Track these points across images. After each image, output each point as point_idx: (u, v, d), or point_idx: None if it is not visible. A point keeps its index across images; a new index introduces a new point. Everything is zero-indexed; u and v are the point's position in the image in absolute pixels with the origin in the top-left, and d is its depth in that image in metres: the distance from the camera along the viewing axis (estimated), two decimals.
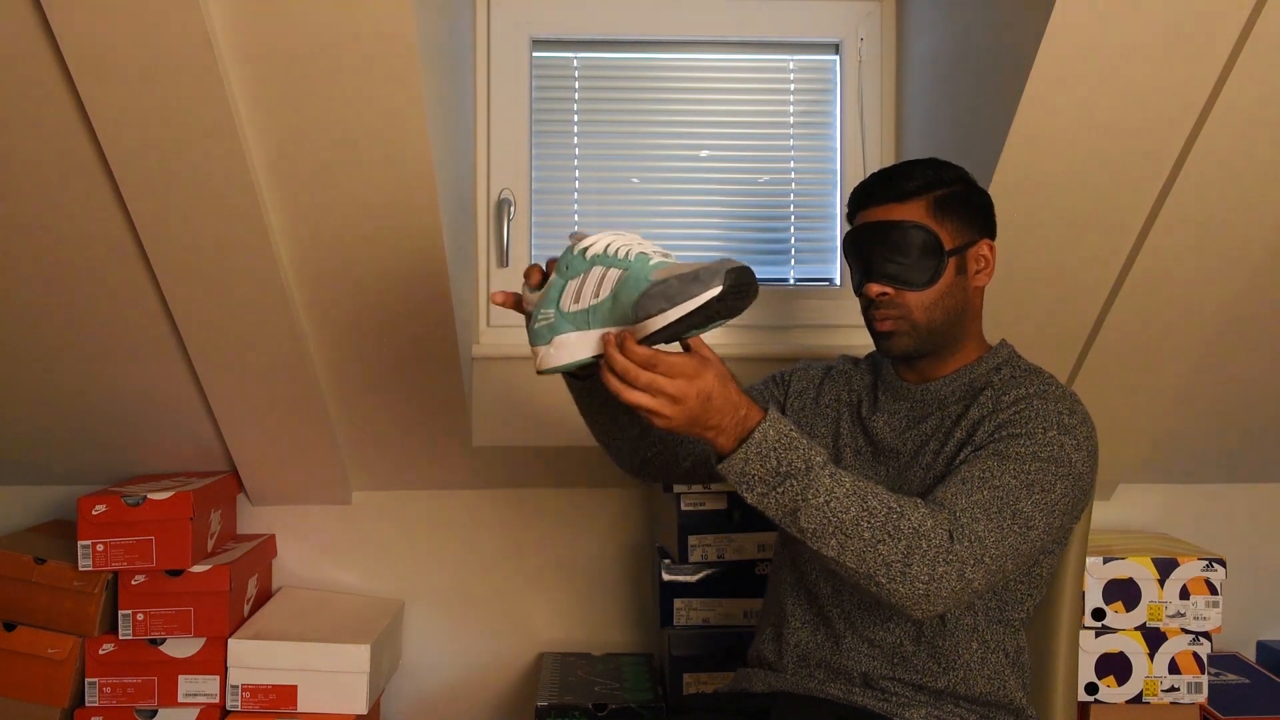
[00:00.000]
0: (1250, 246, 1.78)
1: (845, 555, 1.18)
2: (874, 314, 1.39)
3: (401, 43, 1.45)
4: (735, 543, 1.96)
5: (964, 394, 1.39)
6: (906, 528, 1.17)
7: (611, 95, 2.12)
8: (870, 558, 1.17)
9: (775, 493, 1.18)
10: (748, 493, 1.19)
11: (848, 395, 1.50)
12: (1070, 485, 1.28)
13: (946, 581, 1.17)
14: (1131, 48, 1.54)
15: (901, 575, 1.17)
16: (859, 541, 1.17)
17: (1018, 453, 1.27)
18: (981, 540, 1.20)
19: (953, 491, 1.24)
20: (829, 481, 1.17)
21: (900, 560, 1.17)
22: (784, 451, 1.17)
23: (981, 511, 1.22)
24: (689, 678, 1.94)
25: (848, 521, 1.17)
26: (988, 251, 1.40)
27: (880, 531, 1.17)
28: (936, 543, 1.18)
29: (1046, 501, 1.26)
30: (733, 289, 1.09)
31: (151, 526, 1.86)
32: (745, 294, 1.11)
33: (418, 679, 2.21)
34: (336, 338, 1.84)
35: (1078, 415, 1.32)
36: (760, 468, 1.17)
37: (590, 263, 1.19)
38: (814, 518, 1.17)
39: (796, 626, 1.43)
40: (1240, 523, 2.30)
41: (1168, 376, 1.97)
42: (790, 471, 1.17)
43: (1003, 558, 1.22)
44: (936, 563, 1.17)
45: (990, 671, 1.35)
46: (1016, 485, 1.24)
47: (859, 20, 2.08)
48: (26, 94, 1.48)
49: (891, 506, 1.18)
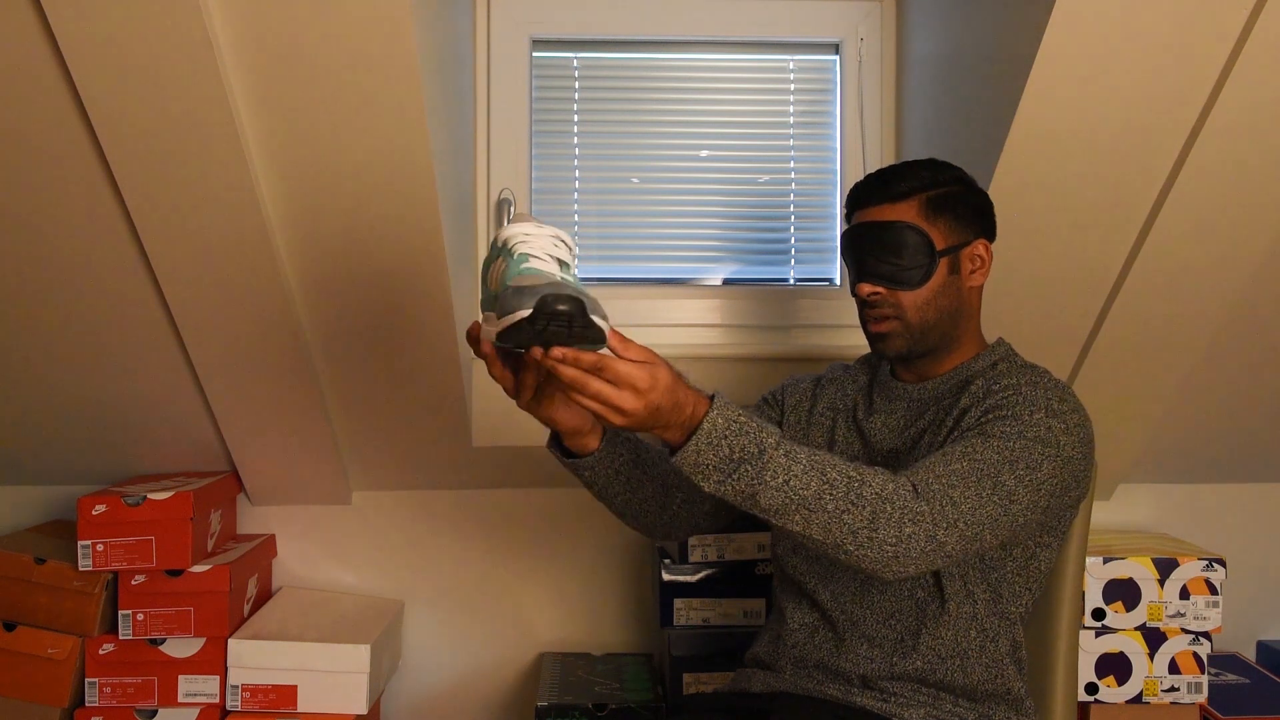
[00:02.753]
0: (1250, 246, 1.78)
1: (811, 529, 1.18)
2: (868, 314, 1.40)
3: (401, 43, 1.45)
4: (735, 543, 1.96)
5: (958, 389, 1.40)
6: (869, 494, 1.17)
7: (611, 95, 2.12)
8: (836, 528, 1.17)
9: (731, 480, 1.17)
10: (704, 482, 1.18)
11: (842, 401, 1.50)
12: (1058, 467, 1.28)
13: (915, 541, 1.18)
14: (1131, 48, 1.54)
15: (869, 540, 1.17)
16: (823, 515, 1.17)
17: (1002, 431, 1.27)
18: (956, 504, 1.20)
19: (929, 462, 1.24)
20: (785, 460, 1.16)
21: (866, 526, 1.17)
22: (734, 437, 1.16)
23: (958, 479, 1.22)
24: (689, 678, 1.94)
25: (809, 497, 1.16)
26: (983, 251, 1.40)
27: (844, 501, 1.16)
28: (900, 504, 1.18)
29: (1032, 479, 1.25)
30: (540, 313, 1.06)
31: (151, 526, 1.86)
32: (557, 320, 1.07)
33: (418, 679, 2.21)
34: (336, 337, 1.84)
35: (1069, 403, 1.33)
36: (713, 456, 1.16)
37: (499, 250, 1.19)
38: (774, 498, 1.16)
39: (795, 628, 1.43)
40: (1240, 523, 2.30)
41: (1168, 376, 1.97)
42: (744, 457, 1.16)
43: (979, 525, 1.22)
44: (903, 523, 1.17)
45: (989, 660, 1.35)
46: (998, 460, 1.24)
47: (859, 20, 2.08)
48: (26, 94, 1.48)
49: (851, 476, 1.18)
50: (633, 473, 1.39)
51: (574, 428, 1.30)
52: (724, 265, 2.14)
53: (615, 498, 1.41)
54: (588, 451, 1.34)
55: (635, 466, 1.39)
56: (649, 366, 1.13)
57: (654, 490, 1.42)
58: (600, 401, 1.13)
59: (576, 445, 1.34)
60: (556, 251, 1.16)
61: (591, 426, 1.31)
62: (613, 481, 1.39)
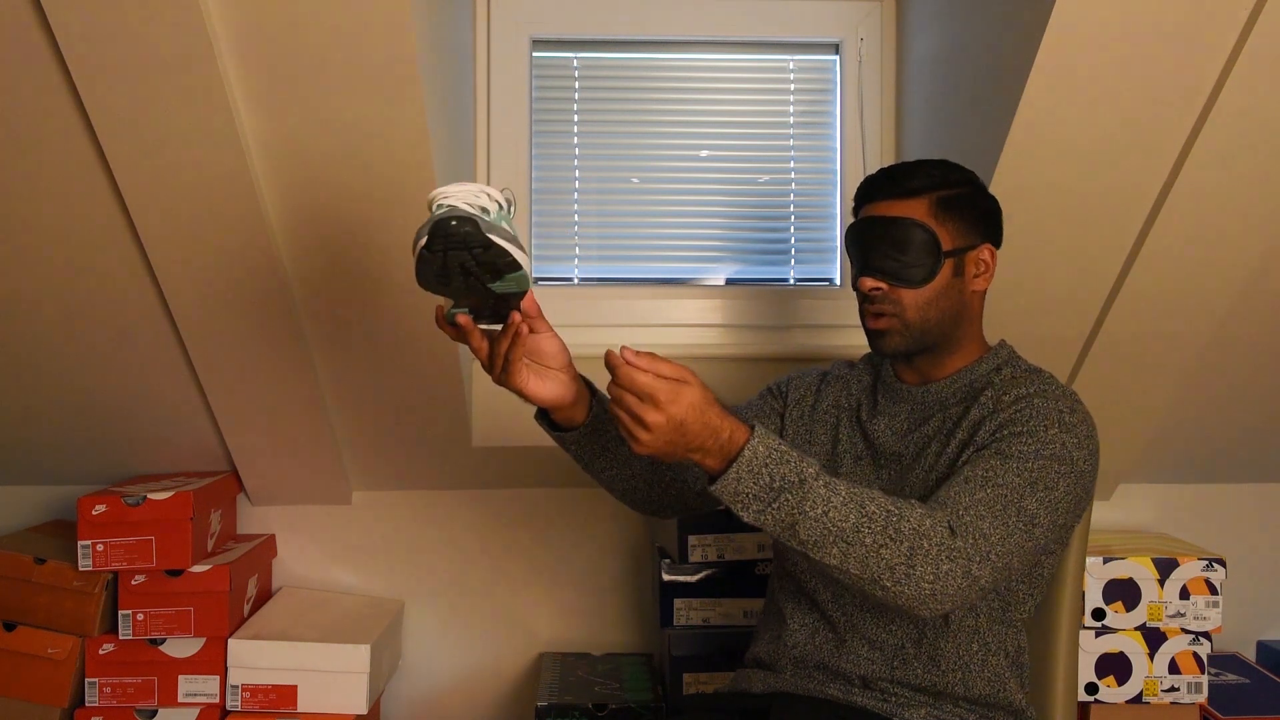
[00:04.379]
0: (1250, 246, 1.78)
1: (848, 562, 1.17)
2: (867, 309, 1.39)
3: (402, 43, 1.44)
4: (735, 543, 1.96)
5: (965, 395, 1.39)
6: (907, 529, 1.17)
7: (611, 95, 2.12)
8: (873, 563, 1.17)
9: (771, 508, 1.17)
10: (743, 511, 1.18)
11: (846, 400, 1.50)
12: (1073, 483, 1.28)
13: (952, 579, 1.17)
14: (1131, 48, 1.54)
15: (906, 577, 1.17)
16: (861, 548, 1.16)
17: (1020, 451, 1.27)
18: (986, 537, 1.20)
19: (955, 491, 1.24)
20: (825, 491, 1.17)
21: (904, 562, 1.16)
22: (775, 466, 1.16)
23: (985, 509, 1.21)
24: (689, 678, 1.94)
25: (848, 529, 1.16)
26: (988, 256, 1.40)
27: (882, 535, 1.16)
28: (938, 540, 1.17)
29: (1050, 499, 1.25)
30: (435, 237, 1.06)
31: (151, 526, 1.86)
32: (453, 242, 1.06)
33: (418, 679, 2.21)
34: (336, 338, 1.84)
35: (1078, 413, 1.32)
36: (753, 485, 1.17)
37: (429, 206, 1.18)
38: (813, 529, 1.17)
39: (795, 629, 1.43)
40: (1240, 523, 2.30)
41: (1167, 376, 1.97)
42: (784, 485, 1.16)
43: (1008, 555, 1.22)
44: (940, 560, 1.17)
45: (990, 674, 1.35)
46: (1020, 483, 1.24)
47: (859, 20, 2.08)
48: (27, 94, 1.48)
49: (890, 510, 1.18)
50: (620, 449, 1.39)
51: (551, 400, 1.30)
52: (723, 265, 2.14)
53: (603, 472, 1.42)
54: (574, 425, 1.34)
55: (624, 443, 1.38)
56: (675, 382, 1.15)
57: (642, 467, 1.43)
58: (625, 411, 1.15)
59: (563, 418, 1.34)
60: (480, 200, 1.14)
61: (574, 399, 1.31)
62: (599, 456, 1.39)
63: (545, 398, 1.29)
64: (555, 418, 1.35)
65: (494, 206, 1.15)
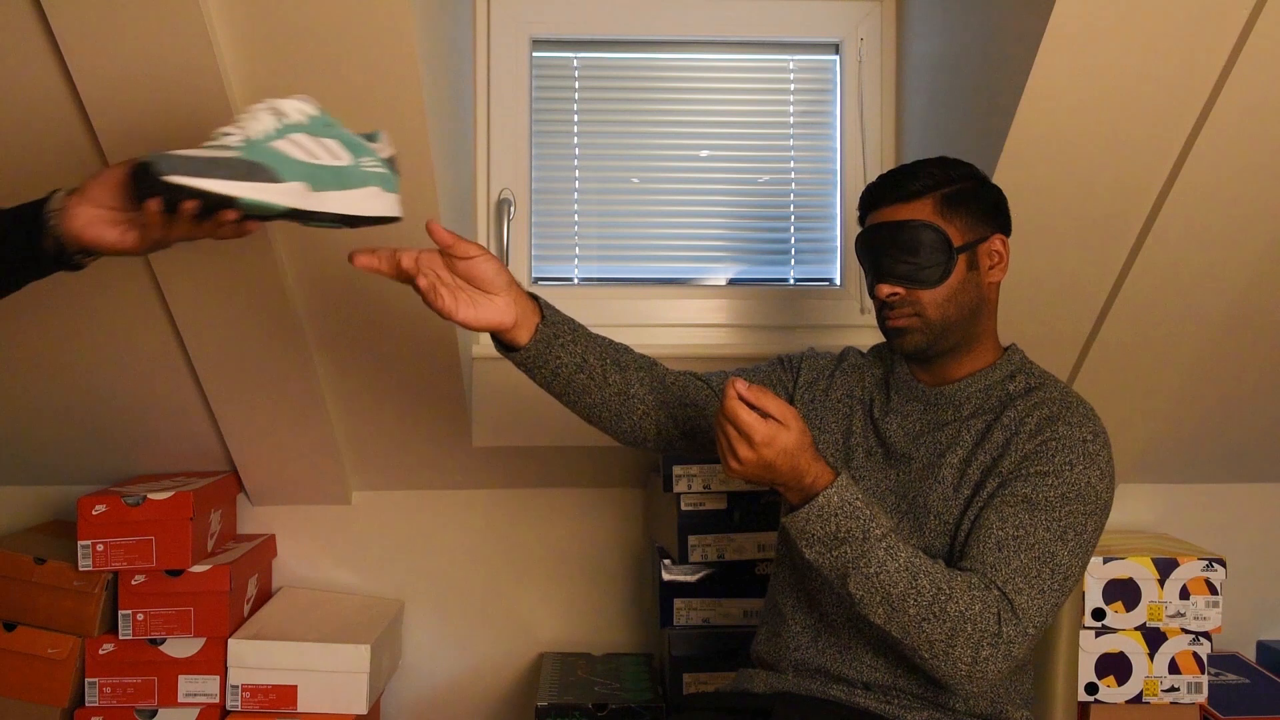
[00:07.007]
0: (1250, 246, 1.78)
1: (891, 625, 1.22)
2: (887, 314, 1.38)
3: (401, 43, 1.45)
4: (735, 543, 1.96)
5: (980, 403, 1.38)
6: (954, 610, 1.19)
7: (611, 95, 2.12)
8: (915, 633, 1.21)
9: (830, 555, 1.21)
10: (806, 549, 1.23)
11: (860, 391, 1.48)
12: (1099, 519, 1.30)
13: (992, 663, 1.20)
14: (1131, 48, 1.54)
15: (945, 655, 1.20)
16: (904, 616, 1.20)
17: (1047, 498, 1.27)
18: (1027, 613, 1.22)
19: (991, 560, 1.25)
20: (883, 554, 1.20)
21: (944, 640, 1.19)
22: (844, 519, 1.20)
23: (1024, 580, 1.23)
24: (689, 678, 1.94)
25: (895, 595, 1.20)
26: (1000, 246, 1.39)
27: (926, 611, 1.19)
28: (984, 627, 1.20)
29: (1080, 543, 1.27)
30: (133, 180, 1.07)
31: (151, 526, 1.86)
32: (139, 188, 1.06)
33: (418, 679, 2.21)
34: (337, 338, 1.84)
35: (1100, 439, 1.33)
36: (820, 529, 1.21)
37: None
38: (863, 585, 1.21)
39: (797, 631, 1.42)
40: (1240, 523, 2.30)
41: (1168, 376, 1.97)
42: (847, 538, 1.20)
43: (1046, 616, 1.24)
44: (981, 646, 1.19)
45: (993, 694, 1.35)
46: (1050, 537, 1.25)
47: (859, 20, 2.08)
48: (26, 94, 1.48)
49: (941, 587, 1.20)
50: (577, 376, 1.38)
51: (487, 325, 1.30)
52: (723, 265, 2.14)
53: (561, 396, 1.42)
54: (519, 345, 1.34)
55: (581, 372, 1.38)
56: (774, 424, 1.18)
57: (604, 398, 1.41)
58: (724, 438, 1.20)
59: (511, 339, 1.34)
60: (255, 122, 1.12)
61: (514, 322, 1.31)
62: (553, 381, 1.39)
63: (481, 323, 1.30)
64: (504, 339, 1.35)
65: (265, 123, 1.13)
